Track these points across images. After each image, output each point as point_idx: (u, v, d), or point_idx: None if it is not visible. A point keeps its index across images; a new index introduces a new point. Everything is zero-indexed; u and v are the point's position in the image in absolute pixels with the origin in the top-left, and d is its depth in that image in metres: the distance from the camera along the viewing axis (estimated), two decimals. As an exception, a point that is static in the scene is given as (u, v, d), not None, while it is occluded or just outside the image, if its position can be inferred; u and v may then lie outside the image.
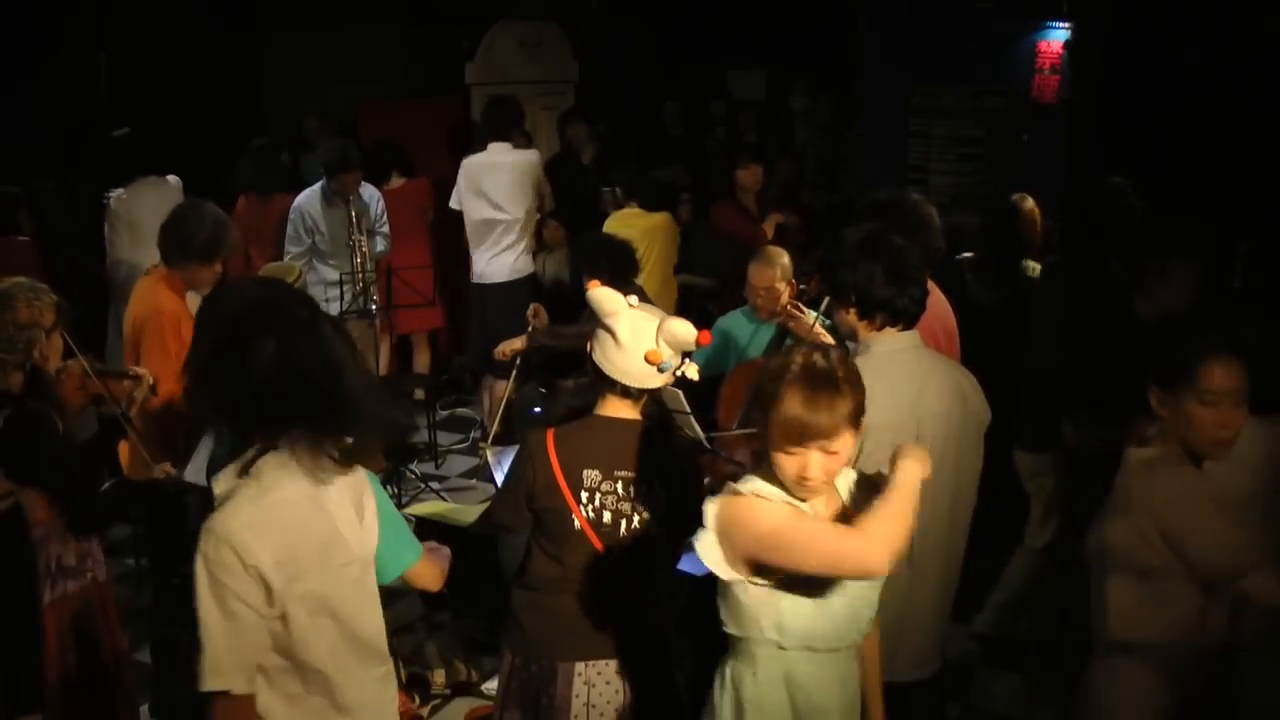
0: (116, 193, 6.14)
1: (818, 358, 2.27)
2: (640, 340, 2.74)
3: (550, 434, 2.83)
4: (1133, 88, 6.33)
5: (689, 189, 7.97)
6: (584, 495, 2.79)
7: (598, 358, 2.80)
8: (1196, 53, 6.07)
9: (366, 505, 2.33)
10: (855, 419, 2.28)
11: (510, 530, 2.90)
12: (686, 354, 2.81)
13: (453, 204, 6.59)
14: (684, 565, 3.41)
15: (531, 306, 5.37)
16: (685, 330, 2.75)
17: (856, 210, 4.02)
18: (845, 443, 2.27)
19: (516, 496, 2.85)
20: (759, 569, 2.30)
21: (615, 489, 2.79)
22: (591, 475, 2.78)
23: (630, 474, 2.78)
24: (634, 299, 2.84)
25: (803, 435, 2.23)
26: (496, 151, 6.49)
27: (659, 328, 2.75)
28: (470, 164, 6.50)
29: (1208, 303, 3.89)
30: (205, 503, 2.30)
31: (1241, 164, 5.97)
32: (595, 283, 2.83)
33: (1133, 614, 2.60)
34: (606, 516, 2.79)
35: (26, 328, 3.23)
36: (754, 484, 2.34)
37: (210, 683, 2.09)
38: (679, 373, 2.81)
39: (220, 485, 2.16)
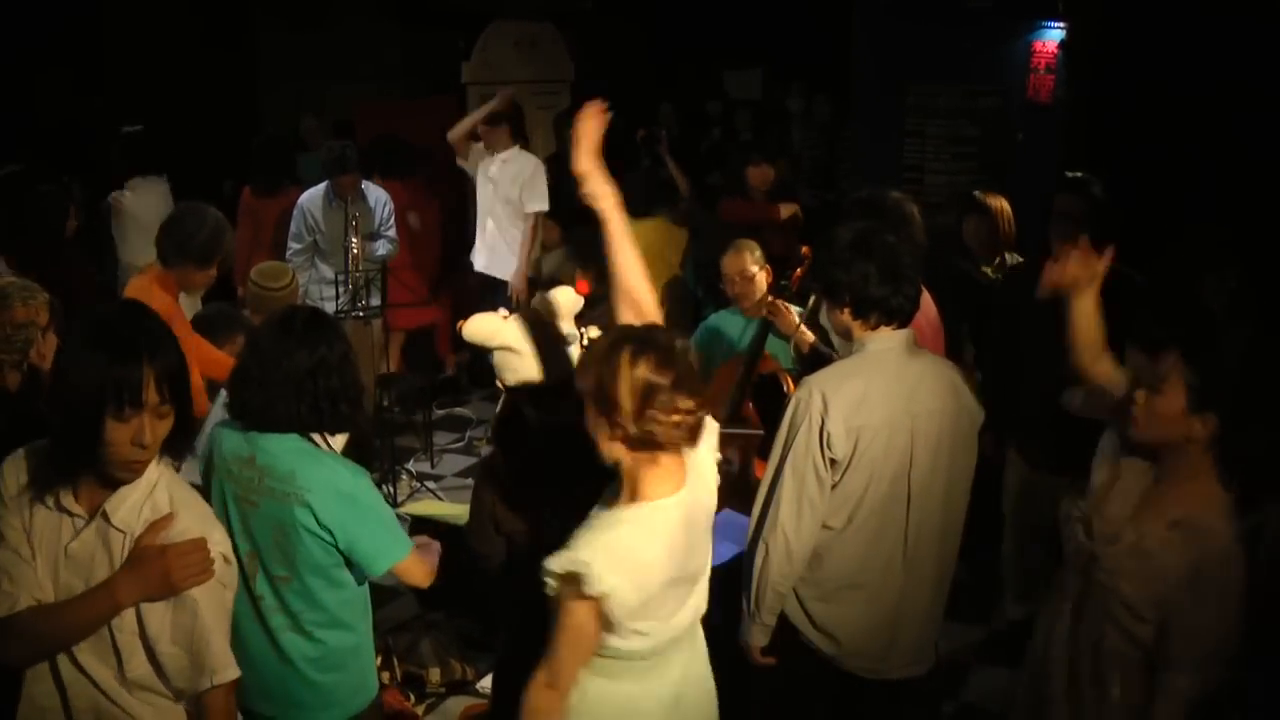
0: (121, 193, 6.15)
1: (643, 343, 2.28)
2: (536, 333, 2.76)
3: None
4: (1128, 88, 6.34)
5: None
6: (546, 513, 2.75)
7: (513, 380, 2.76)
8: (1192, 52, 6.07)
9: None
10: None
11: (488, 556, 2.89)
12: (581, 323, 2.84)
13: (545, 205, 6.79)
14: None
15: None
16: (565, 294, 2.80)
17: (839, 210, 4.05)
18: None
19: (482, 522, 2.84)
20: None
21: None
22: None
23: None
24: (504, 311, 2.85)
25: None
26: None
27: (543, 311, 2.79)
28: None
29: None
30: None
31: (1237, 165, 5.98)
32: (461, 323, 2.82)
33: None
34: (573, 525, 2.77)
35: (24, 326, 3.23)
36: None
37: (229, 674, 2.21)
38: (587, 341, 2.79)
39: (123, 510, 2.17)
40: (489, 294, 6.63)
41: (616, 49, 9.41)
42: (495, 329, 2.75)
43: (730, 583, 3.21)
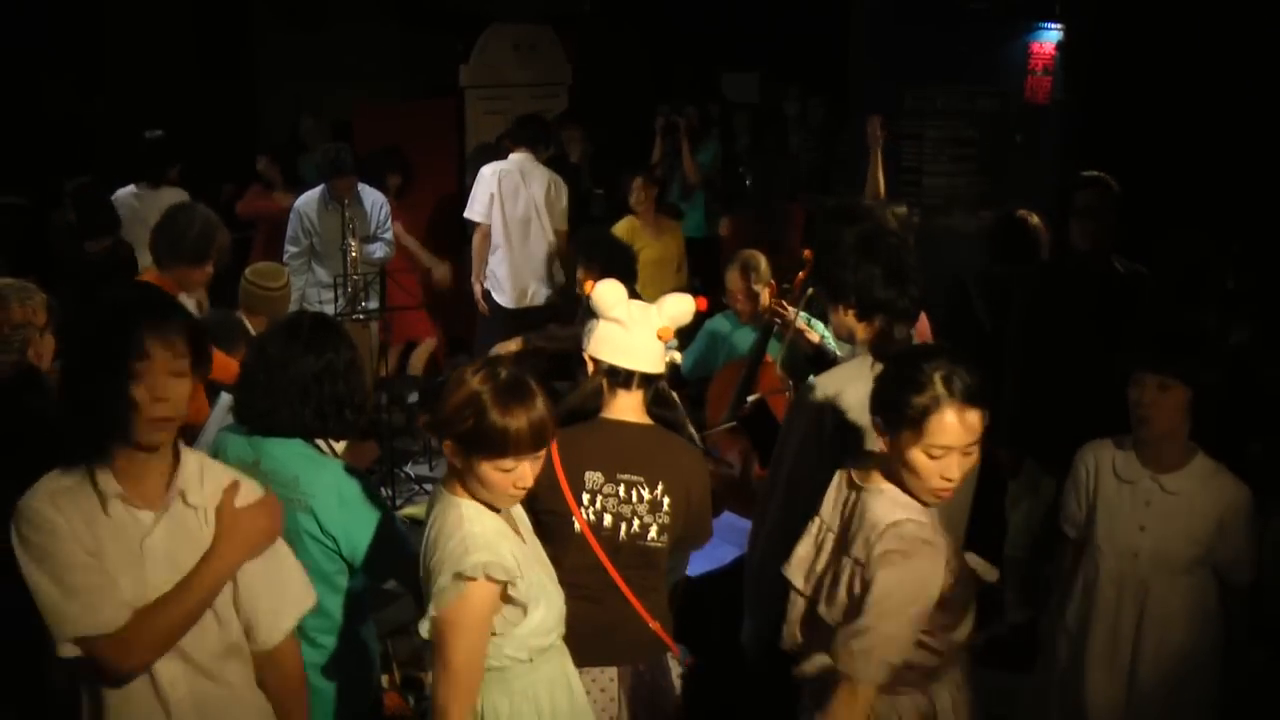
0: (135, 197, 6.16)
1: (501, 370, 2.30)
2: (648, 321, 2.78)
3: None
4: (1125, 89, 6.35)
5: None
6: (585, 497, 2.77)
7: (605, 354, 2.79)
8: (1189, 53, 6.08)
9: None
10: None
11: None
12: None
13: (478, 216, 6.47)
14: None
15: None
16: (686, 301, 2.83)
17: (817, 219, 4.06)
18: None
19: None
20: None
21: (616, 492, 2.77)
22: (593, 477, 2.77)
23: (633, 477, 2.77)
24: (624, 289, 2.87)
25: (518, 446, 2.26)
26: (526, 162, 6.46)
27: (660, 307, 2.81)
28: (504, 170, 6.44)
29: (1201, 305, 3.93)
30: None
31: (1234, 165, 5.99)
32: (590, 283, 2.85)
33: None
34: (606, 520, 2.78)
35: (21, 327, 3.23)
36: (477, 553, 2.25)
37: (312, 594, 2.42)
38: (669, 356, 2.85)
39: (191, 488, 2.22)
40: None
41: (614, 52, 9.40)
42: (619, 300, 2.79)
43: (731, 585, 3.21)
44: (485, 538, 2.28)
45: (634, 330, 2.77)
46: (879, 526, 2.34)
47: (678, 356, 2.88)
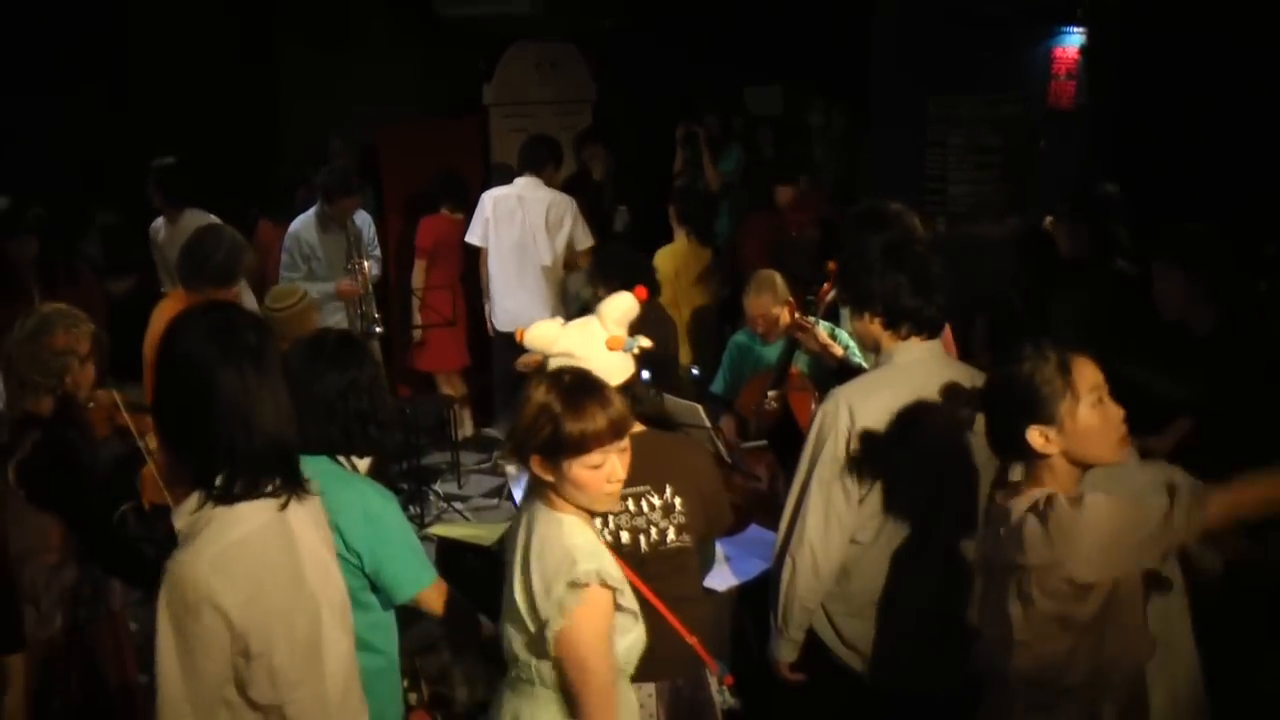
0: (158, 224, 6.18)
1: (565, 375, 2.35)
2: (594, 339, 2.75)
3: None
4: (1149, 92, 6.30)
5: None
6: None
7: None
8: (1214, 55, 6.03)
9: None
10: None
11: None
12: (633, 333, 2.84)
13: (476, 239, 6.51)
14: (708, 581, 3.39)
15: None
16: (623, 300, 2.79)
17: (843, 224, 4.03)
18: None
19: None
20: None
21: (627, 506, 2.76)
22: None
23: (638, 489, 2.76)
24: (559, 320, 2.86)
25: (599, 438, 2.29)
26: (528, 186, 6.45)
27: (600, 316, 2.78)
28: (499, 195, 6.44)
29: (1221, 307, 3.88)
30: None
31: (1262, 168, 5.93)
32: (519, 331, 2.82)
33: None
34: (625, 536, 2.77)
35: (62, 354, 3.24)
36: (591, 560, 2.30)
37: None
38: (636, 350, 2.80)
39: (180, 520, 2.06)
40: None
41: (637, 69, 9.42)
42: (555, 335, 2.77)
43: (758, 598, 3.19)
44: (588, 548, 2.32)
45: (587, 354, 2.71)
46: (1026, 509, 2.28)
47: (644, 342, 2.83)
